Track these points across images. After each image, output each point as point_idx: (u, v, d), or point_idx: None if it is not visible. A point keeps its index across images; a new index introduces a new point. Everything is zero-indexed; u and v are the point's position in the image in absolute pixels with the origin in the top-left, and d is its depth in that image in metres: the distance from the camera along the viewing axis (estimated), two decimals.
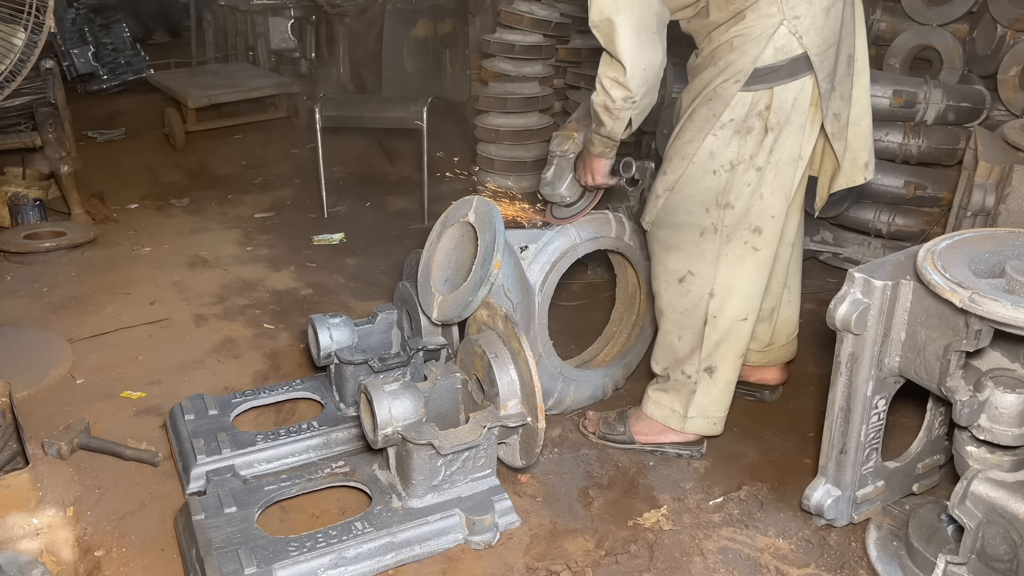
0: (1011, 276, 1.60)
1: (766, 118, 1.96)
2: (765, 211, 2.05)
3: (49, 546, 1.96)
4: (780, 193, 2.05)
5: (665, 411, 2.26)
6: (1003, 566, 1.67)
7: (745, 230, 2.06)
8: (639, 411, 2.33)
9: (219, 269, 3.46)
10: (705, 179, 2.03)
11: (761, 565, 1.92)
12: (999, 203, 2.53)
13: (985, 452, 1.73)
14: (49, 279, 3.32)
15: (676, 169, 2.06)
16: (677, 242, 2.13)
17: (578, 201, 2.39)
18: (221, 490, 2.01)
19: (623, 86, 1.91)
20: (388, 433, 1.95)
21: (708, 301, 2.12)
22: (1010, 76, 3.07)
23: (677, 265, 2.14)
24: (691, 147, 2.02)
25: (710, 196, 2.04)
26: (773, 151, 1.99)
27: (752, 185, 2.02)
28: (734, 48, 1.94)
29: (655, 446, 2.31)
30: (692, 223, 2.09)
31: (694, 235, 2.09)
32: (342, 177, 4.55)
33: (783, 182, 2.04)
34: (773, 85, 1.94)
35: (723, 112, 1.97)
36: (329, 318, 2.39)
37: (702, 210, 2.06)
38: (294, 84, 5.43)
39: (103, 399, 2.54)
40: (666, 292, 2.19)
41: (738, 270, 2.10)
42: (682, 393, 2.24)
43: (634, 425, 2.32)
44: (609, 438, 2.35)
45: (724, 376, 2.20)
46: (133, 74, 6.31)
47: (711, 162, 2.01)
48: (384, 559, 1.89)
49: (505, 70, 3.59)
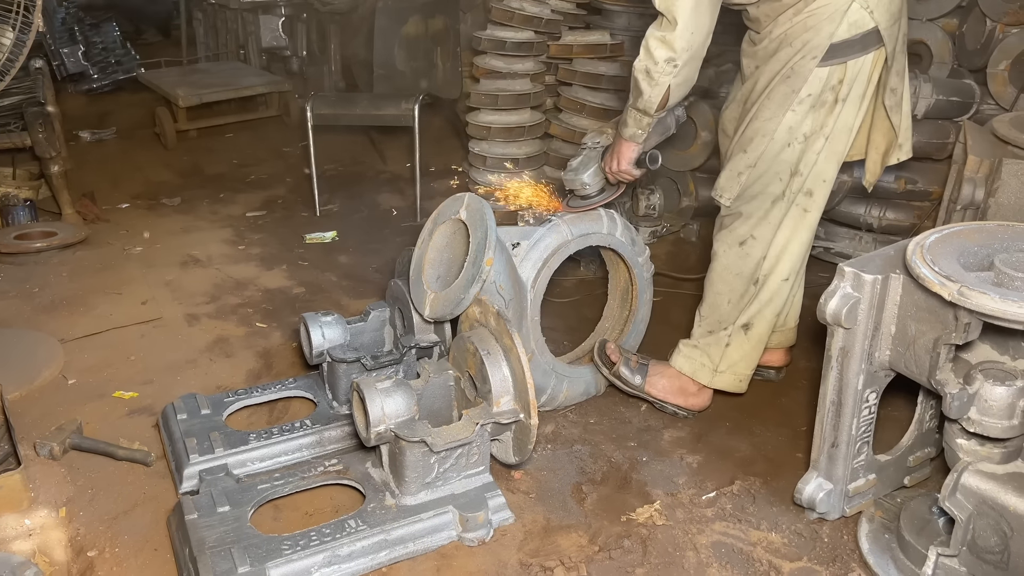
0: (1000, 269, 1.61)
1: (838, 91, 2.07)
2: (818, 175, 2.16)
3: (42, 547, 1.95)
4: (833, 159, 2.16)
5: (695, 364, 2.37)
6: (994, 558, 1.68)
7: (800, 193, 2.18)
8: (663, 365, 2.43)
9: (211, 268, 3.45)
10: (782, 152, 2.13)
11: (754, 559, 1.93)
12: (989, 197, 2.54)
13: (975, 444, 1.74)
14: (40, 279, 3.31)
15: (758, 147, 2.14)
16: (748, 210, 2.23)
17: (597, 194, 2.44)
18: (214, 489, 2.00)
19: (669, 46, 1.98)
20: (381, 431, 1.95)
21: (761, 263, 2.23)
22: (999, 70, 3.08)
23: (743, 230, 2.24)
24: (771, 124, 2.11)
25: (785, 167, 2.15)
26: (838, 120, 2.11)
27: (819, 152, 2.13)
28: (808, 27, 2.02)
29: (660, 402, 2.41)
30: (765, 192, 2.19)
31: (766, 203, 2.20)
32: (334, 175, 4.54)
33: (837, 148, 2.15)
34: (847, 59, 2.04)
35: (801, 88, 2.06)
36: (321, 316, 2.39)
37: (776, 180, 2.17)
38: (285, 82, 5.41)
39: (95, 399, 2.53)
40: (725, 255, 2.29)
41: (790, 231, 2.22)
42: (715, 348, 2.34)
43: (653, 378, 2.42)
44: (622, 380, 2.44)
45: (757, 333, 2.32)
46: (123, 73, 6.27)
47: (789, 136, 2.11)
48: (378, 557, 1.89)
49: (496, 67, 3.59)
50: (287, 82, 5.42)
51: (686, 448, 2.33)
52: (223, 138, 5.26)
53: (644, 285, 2.59)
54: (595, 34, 3.67)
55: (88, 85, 6.15)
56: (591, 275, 3.32)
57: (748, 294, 2.27)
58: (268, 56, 5.86)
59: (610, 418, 2.46)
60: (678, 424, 2.42)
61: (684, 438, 2.37)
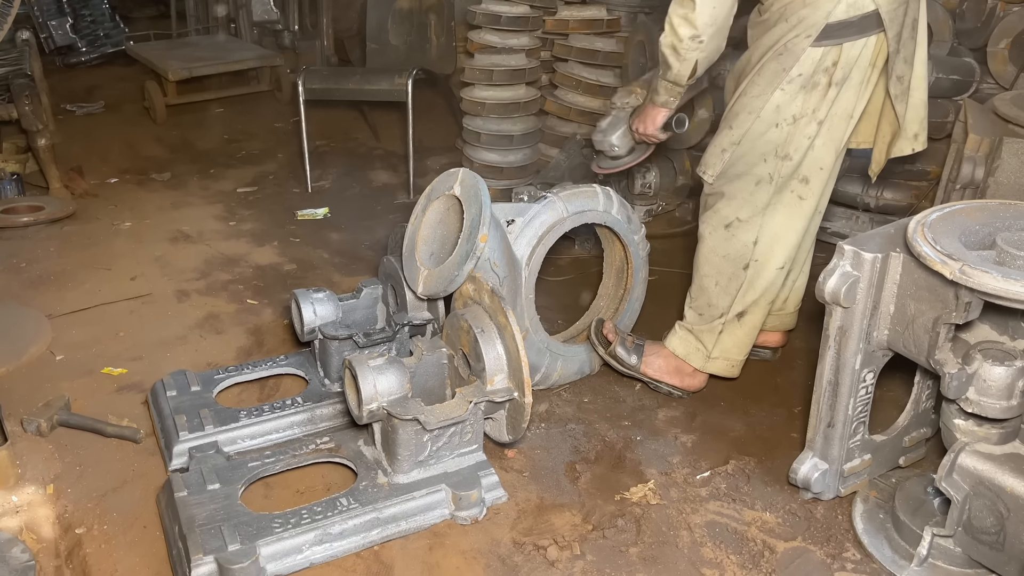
0: (1002, 248, 1.59)
1: (832, 73, 2.02)
2: (815, 162, 2.12)
3: (29, 524, 1.93)
4: (831, 146, 2.11)
5: (689, 348, 2.35)
6: (989, 538, 1.67)
7: (795, 180, 2.14)
8: (659, 345, 2.42)
9: (201, 244, 3.41)
10: (768, 132, 2.09)
11: (748, 539, 1.92)
12: (988, 176, 2.52)
13: (973, 425, 1.73)
14: (27, 254, 3.26)
15: (743, 124, 2.10)
16: (731, 191, 2.19)
17: (627, 155, 2.46)
18: (204, 467, 1.98)
19: (691, 24, 1.97)
20: (373, 408, 1.93)
21: (752, 248, 2.20)
22: (1000, 48, 3.05)
23: (727, 211, 2.21)
24: (759, 101, 2.07)
25: (770, 148, 2.10)
26: (833, 105, 2.05)
27: (811, 138, 2.08)
28: (807, 4, 1.98)
29: (655, 382, 2.40)
30: (749, 173, 2.16)
31: (749, 184, 2.16)
32: (326, 151, 4.49)
33: (835, 136, 2.10)
34: (842, 41, 1.99)
35: (792, 67, 2.02)
36: (313, 293, 2.36)
37: (760, 161, 2.13)
38: (277, 56, 5.33)
39: (83, 376, 2.50)
40: (711, 236, 2.26)
41: (784, 218, 2.18)
42: (709, 334, 2.32)
43: (648, 358, 2.41)
44: (618, 360, 2.43)
45: (751, 321, 2.31)
46: (112, 46, 6.17)
47: (776, 116, 2.07)
48: (370, 535, 1.87)
49: (491, 42, 3.54)
50: (279, 56, 5.34)
51: (680, 427, 2.32)
52: (214, 113, 5.19)
53: (640, 264, 2.57)
54: (591, 9, 3.62)
55: (76, 58, 6.07)
56: (586, 253, 3.30)
57: (738, 278, 2.24)
58: (259, 30, 5.77)
59: (604, 397, 2.44)
60: (672, 403, 2.41)
61: (678, 417, 2.36)
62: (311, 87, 3.87)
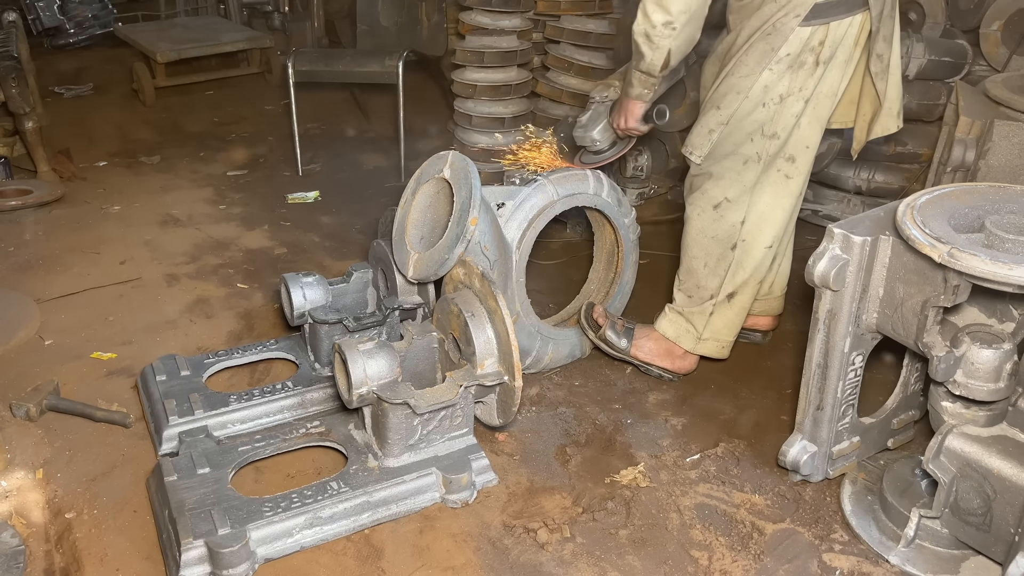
0: (990, 231, 1.59)
1: (818, 52, 2.03)
2: (802, 140, 2.13)
3: (19, 508, 1.93)
4: (817, 125, 2.13)
5: (679, 330, 2.36)
6: (976, 520, 1.68)
7: (781, 159, 2.15)
8: (649, 328, 2.43)
9: (191, 228, 3.39)
10: (755, 112, 2.09)
11: (737, 520, 1.93)
12: (979, 159, 2.52)
13: (960, 407, 1.74)
14: (15, 238, 3.24)
15: (731, 104, 2.09)
16: (719, 171, 2.19)
17: (609, 149, 2.45)
18: (194, 451, 1.98)
19: (664, 9, 1.96)
20: (363, 393, 1.93)
21: (739, 228, 2.20)
22: (992, 31, 3.04)
23: (715, 192, 2.21)
24: (747, 81, 2.06)
25: (756, 127, 2.11)
26: (819, 84, 2.07)
27: (797, 116, 2.09)
28: None
29: (646, 365, 2.41)
30: (737, 153, 2.15)
31: (737, 164, 2.16)
32: (316, 134, 4.46)
33: (820, 114, 2.12)
34: (830, 20, 2.00)
35: (781, 47, 2.01)
36: (302, 277, 2.35)
37: (747, 141, 2.13)
38: (267, 38, 5.28)
39: (72, 360, 2.49)
40: (699, 218, 2.26)
41: (771, 197, 2.19)
42: (699, 316, 2.33)
43: (639, 341, 2.42)
44: (608, 344, 2.43)
45: (740, 301, 2.31)
46: (100, 28, 6.10)
47: (763, 95, 2.07)
48: (360, 518, 1.88)
49: (483, 23, 3.51)
50: (268, 38, 5.30)
51: (671, 410, 2.32)
52: (203, 95, 5.15)
53: (630, 247, 2.56)
54: None
55: (64, 40, 6.00)
56: (577, 237, 3.29)
57: (726, 259, 2.25)
58: (249, 11, 5.72)
59: (595, 380, 2.44)
60: (663, 387, 2.42)
61: (669, 400, 2.36)
62: (301, 69, 3.84)
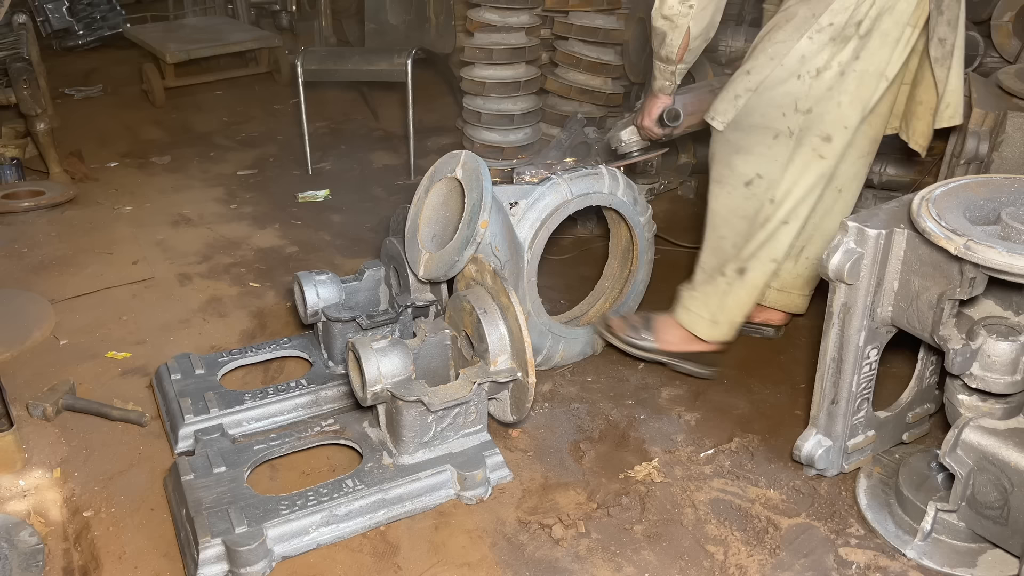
0: (1007, 223, 1.58)
1: (865, 26, 1.91)
2: (839, 120, 2.01)
3: (37, 507, 1.94)
4: (858, 104, 2.00)
5: (692, 316, 2.28)
6: (993, 513, 1.68)
7: (816, 136, 2.03)
8: (668, 318, 2.35)
9: (203, 227, 3.41)
10: (788, 82, 1.99)
11: (752, 515, 1.93)
12: (992, 151, 2.50)
13: (977, 400, 1.73)
14: (29, 239, 3.26)
15: (762, 69, 2.00)
16: (747, 144, 2.09)
17: (636, 151, 2.51)
18: (210, 450, 1.99)
19: None
20: (377, 390, 1.93)
21: (767, 205, 2.10)
22: (1004, 22, 3.01)
23: (745, 168, 2.10)
24: (783, 47, 1.97)
25: (789, 100, 2.00)
26: (860, 58, 1.94)
27: (832, 89, 1.97)
28: None
29: (676, 357, 2.34)
30: (767, 126, 2.05)
31: (767, 138, 2.05)
32: (326, 132, 4.47)
33: (863, 94, 1.99)
34: None
35: (823, 14, 1.91)
36: (315, 275, 2.35)
37: (779, 114, 2.02)
38: (275, 38, 5.30)
39: (87, 360, 2.50)
40: (729, 196, 2.15)
41: (800, 175, 2.07)
42: (713, 297, 2.24)
43: (660, 333, 2.35)
44: (635, 344, 2.37)
45: (752, 280, 2.20)
46: (109, 29, 6.13)
47: (799, 66, 1.97)
48: (376, 516, 1.88)
49: (491, 20, 3.51)
50: (277, 37, 5.31)
51: (684, 406, 2.32)
52: (212, 95, 5.17)
53: (645, 245, 2.55)
54: None
55: (73, 41, 6.03)
56: (588, 233, 3.29)
57: (755, 237, 2.15)
58: (257, 11, 5.74)
59: (608, 376, 2.44)
60: (676, 382, 2.41)
61: (682, 396, 2.36)
62: (310, 68, 3.85)
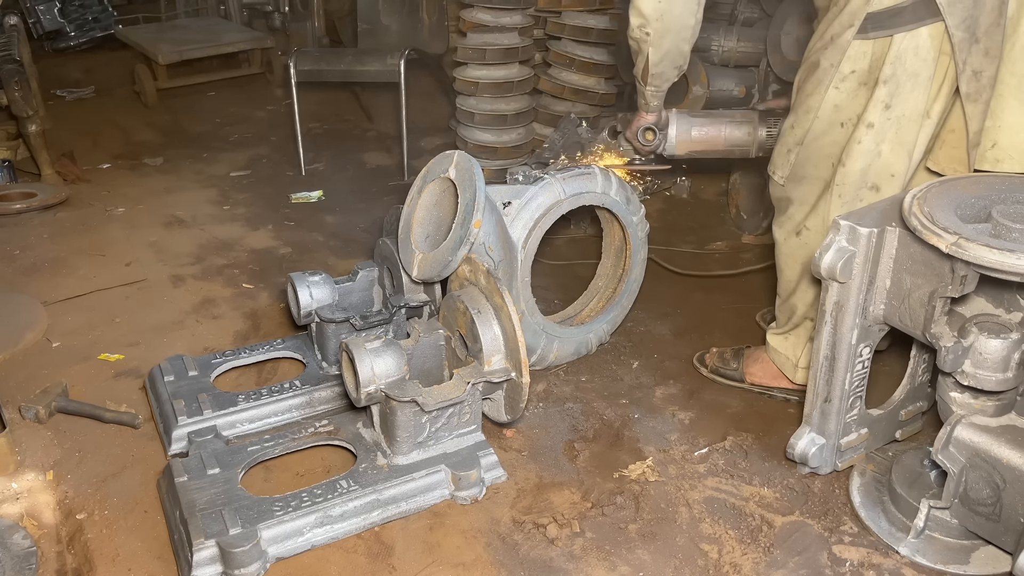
0: (997, 220, 1.59)
1: (882, 68, 1.83)
2: (884, 169, 1.93)
3: (30, 510, 1.93)
4: (902, 151, 1.90)
5: (781, 358, 2.29)
6: (986, 510, 1.68)
7: (863, 188, 1.96)
8: (759, 352, 2.37)
9: (196, 229, 3.40)
10: (831, 132, 1.95)
11: (746, 514, 1.93)
12: None
13: (969, 398, 1.74)
14: (20, 241, 3.25)
15: (803, 123, 1.99)
16: (800, 195, 2.08)
17: (638, 159, 2.59)
18: (203, 451, 1.99)
19: (638, 11, 1.99)
20: (371, 391, 1.93)
21: None
22: None
23: (797, 217, 2.11)
24: (813, 100, 1.95)
25: (836, 150, 1.96)
26: (891, 107, 1.85)
27: (863, 143, 1.91)
28: None
29: (764, 388, 2.35)
30: (818, 176, 2.02)
31: (816, 189, 2.03)
32: (319, 133, 4.47)
33: (904, 139, 1.89)
34: (892, 32, 1.79)
35: (841, 62, 1.86)
36: (309, 276, 2.35)
37: (828, 164, 1.99)
38: (267, 38, 5.29)
39: (80, 362, 2.50)
40: (786, 243, 2.16)
41: None
42: (800, 340, 2.24)
43: (749, 366, 2.36)
44: (721, 372, 2.40)
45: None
46: (101, 30, 6.11)
47: (836, 115, 1.93)
48: (370, 516, 1.88)
49: (484, 20, 3.51)
50: (269, 38, 5.30)
51: (678, 405, 2.32)
52: (205, 96, 5.16)
53: (638, 244, 2.56)
54: None
55: (65, 43, 6.01)
56: (582, 233, 3.29)
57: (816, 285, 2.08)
58: (249, 12, 5.72)
59: (602, 376, 2.45)
60: (670, 381, 2.42)
61: (676, 395, 2.36)
62: (303, 69, 3.84)
